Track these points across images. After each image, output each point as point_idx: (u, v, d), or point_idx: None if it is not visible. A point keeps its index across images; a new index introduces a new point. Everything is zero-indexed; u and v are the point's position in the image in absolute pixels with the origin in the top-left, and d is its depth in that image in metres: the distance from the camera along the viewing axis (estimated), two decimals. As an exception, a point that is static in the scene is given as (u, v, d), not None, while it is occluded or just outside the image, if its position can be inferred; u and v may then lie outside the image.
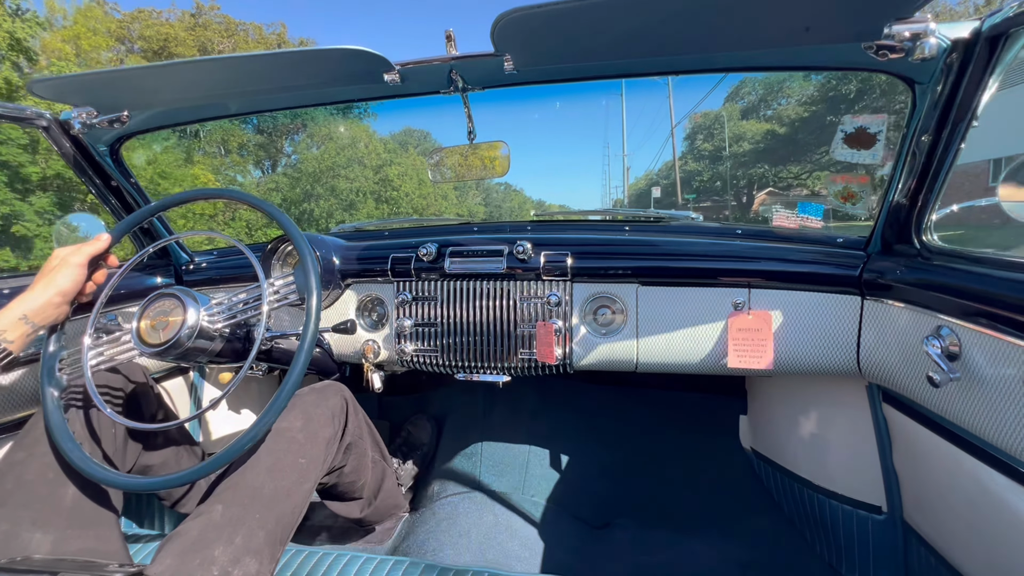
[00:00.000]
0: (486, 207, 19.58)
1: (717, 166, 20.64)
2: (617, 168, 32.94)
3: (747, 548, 1.35)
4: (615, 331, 1.26)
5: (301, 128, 16.14)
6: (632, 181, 27.34)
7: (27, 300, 0.86)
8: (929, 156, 0.89)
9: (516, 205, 22.63)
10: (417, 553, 1.25)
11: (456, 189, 17.21)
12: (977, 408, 0.79)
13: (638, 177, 27.84)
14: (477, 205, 19.15)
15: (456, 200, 17.78)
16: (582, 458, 1.67)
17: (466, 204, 18.21)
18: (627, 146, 36.19)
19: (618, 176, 28.73)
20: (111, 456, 0.97)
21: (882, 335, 1.03)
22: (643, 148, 37.42)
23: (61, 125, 1.15)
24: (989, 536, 0.82)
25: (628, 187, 26.21)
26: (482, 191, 19.48)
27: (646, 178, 27.51)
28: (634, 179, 27.32)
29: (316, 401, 1.05)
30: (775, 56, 0.96)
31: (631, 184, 27.13)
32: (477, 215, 17.30)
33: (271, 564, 0.83)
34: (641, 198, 26.86)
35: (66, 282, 0.89)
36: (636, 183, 27.45)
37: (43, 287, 0.87)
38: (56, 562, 0.78)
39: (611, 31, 0.84)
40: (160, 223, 1.41)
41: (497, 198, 21.75)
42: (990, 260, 0.82)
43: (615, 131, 38.23)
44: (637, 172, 29.12)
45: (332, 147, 15.57)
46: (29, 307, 0.86)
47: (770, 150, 18.97)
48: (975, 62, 0.77)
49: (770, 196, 19.32)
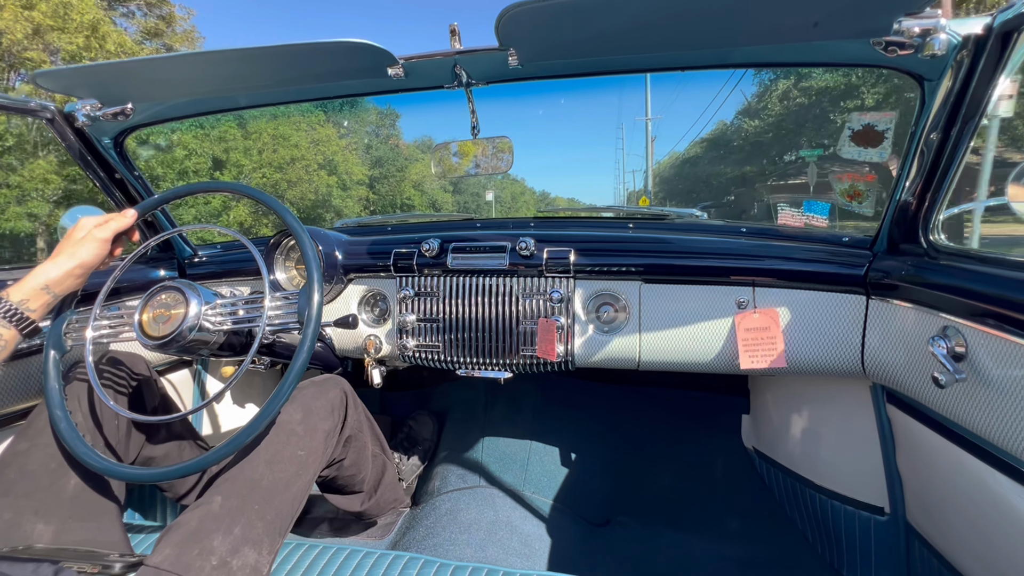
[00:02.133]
0: (477, 199, 19.23)
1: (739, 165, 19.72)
2: (628, 165, 32.27)
3: (748, 547, 1.34)
4: (617, 329, 1.25)
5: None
6: (641, 183, 26.30)
7: (49, 270, 0.86)
8: (937, 154, 0.88)
9: (510, 196, 21.86)
10: (417, 548, 1.25)
11: (451, 185, 17.06)
12: (983, 410, 0.78)
13: (660, 161, 26.20)
14: (473, 198, 18.86)
15: (452, 197, 17.63)
16: (583, 455, 1.67)
17: (461, 199, 18.00)
18: (635, 145, 35.51)
19: (629, 175, 27.98)
20: (114, 447, 0.97)
21: (887, 335, 1.02)
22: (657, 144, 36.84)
23: (66, 117, 1.16)
24: (993, 538, 0.81)
25: (634, 188, 25.21)
26: (481, 186, 19.23)
27: (654, 173, 26.54)
28: (642, 181, 26.30)
29: (315, 394, 1.05)
30: (783, 52, 0.95)
31: (656, 166, 25.46)
32: (473, 209, 17.16)
33: (270, 555, 0.83)
34: (659, 190, 25.27)
35: (89, 256, 0.89)
36: (661, 166, 25.67)
37: (66, 258, 0.88)
38: (57, 551, 0.79)
39: (616, 26, 0.84)
40: (164, 216, 1.41)
41: (496, 192, 21.28)
42: (998, 260, 0.81)
43: (627, 126, 37.54)
44: (638, 181, 28.34)
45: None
46: (51, 277, 0.86)
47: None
48: (986, 59, 0.76)
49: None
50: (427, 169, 15.99)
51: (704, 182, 19.24)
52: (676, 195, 21.46)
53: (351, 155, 15.72)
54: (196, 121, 10.30)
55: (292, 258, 1.42)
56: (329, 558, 0.94)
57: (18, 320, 0.83)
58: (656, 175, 20.94)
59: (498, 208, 18.35)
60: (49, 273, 0.86)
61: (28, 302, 0.84)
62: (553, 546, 1.32)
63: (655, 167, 20.26)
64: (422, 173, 16.52)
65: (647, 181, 15.43)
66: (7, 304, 0.83)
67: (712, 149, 19.55)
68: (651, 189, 16.58)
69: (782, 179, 15.89)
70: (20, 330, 0.84)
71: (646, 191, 15.32)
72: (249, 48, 0.91)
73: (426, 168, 16.12)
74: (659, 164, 21.31)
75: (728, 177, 18.34)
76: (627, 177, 25.80)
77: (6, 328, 0.82)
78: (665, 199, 21.02)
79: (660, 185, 21.87)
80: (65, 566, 0.68)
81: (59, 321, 0.94)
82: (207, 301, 0.97)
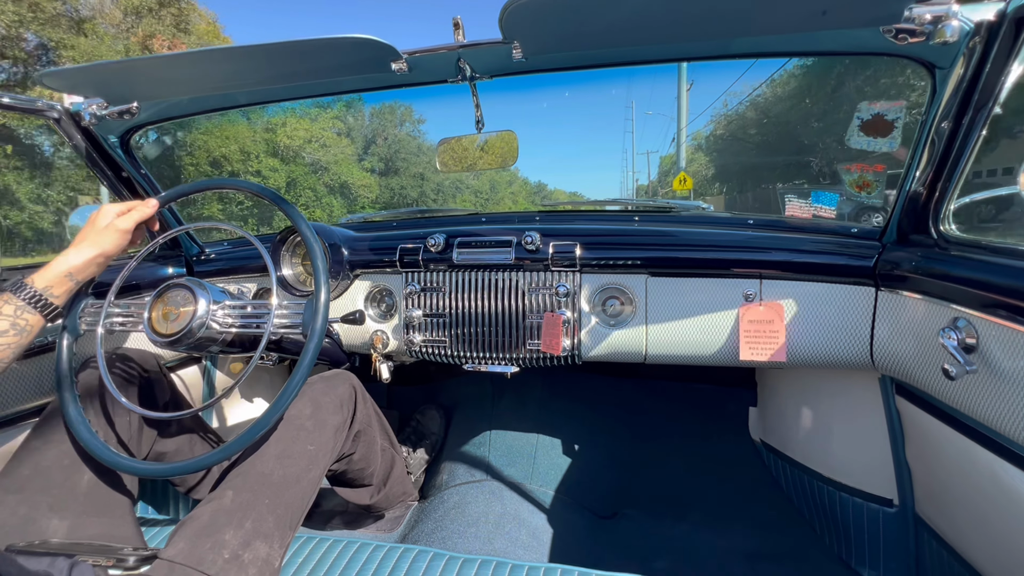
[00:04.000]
0: (476, 196, 18.77)
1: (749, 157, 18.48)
2: (637, 160, 31.21)
3: (755, 540, 1.34)
4: (624, 322, 1.25)
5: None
6: (653, 176, 25.29)
7: (72, 257, 0.88)
8: (948, 143, 0.87)
9: (488, 186, 21.00)
10: (426, 541, 1.26)
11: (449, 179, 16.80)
12: (993, 401, 0.77)
13: (666, 155, 25.23)
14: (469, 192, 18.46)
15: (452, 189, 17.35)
16: (590, 448, 1.68)
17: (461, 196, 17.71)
18: (645, 140, 34.67)
19: (638, 168, 26.88)
20: (126, 443, 0.99)
21: (896, 327, 1.01)
22: (663, 138, 36.24)
23: (72, 117, 1.16)
24: (1002, 529, 0.81)
25: (645, 183, 24.18)
26: (481, 181, 18.87)
27: (663, 167, 25.68)
28: (655, 174, 25.39)
29: (324, 389, 1.06)
30: (792, 41, 0.93)
31: (666, 157, 24.26)
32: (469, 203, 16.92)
33: (281, 548, 0.84)
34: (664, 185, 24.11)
35: (111, 245, 0.91)
36: (668, 159, 24.75)
37: (89, 246, 0.89)
38: (73, 546, 0.80)
39: (621, 17, 0.83)
40: (171, 213, 1.42)
41: (491, 183, 20.71)
42: (1010, 250, 0.80)
43: (634, 121, 36.71)
44: (653, 164, 27.59)
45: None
46: (73, 264, 0.88)
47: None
48: (999, 45, 0.74)
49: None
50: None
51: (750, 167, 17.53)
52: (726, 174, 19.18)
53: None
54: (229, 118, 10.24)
55: (299, 255, 1.42)
56: (339, 551, 0.95)
57: (43, 306, 0.85)
58: (696, 143, 18.76)
59: (474, 200, 17.80)
60: (72, 261, 0.88)
61: (52, 288, 0.86)
62: (560, 539, 1.33)
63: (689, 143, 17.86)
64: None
65: (679, 153, 13.25)
66: (32, 290, 0.84)
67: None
68: (683, 164, 13.84)
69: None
70: (44, 315, 0.86)
71: (676, 166, 12.66)
72: (253, 45, 0.91)
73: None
74: (696, 134, 19.08)
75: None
76: (639, 165, 24.94)
77: (31, 313, 0.84)
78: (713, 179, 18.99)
79: (703, 158, 19.57)
80: (80, 560, 0.70)
81: (75, 305, 0.96)
82: (215, 299, 0.97)
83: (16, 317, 0.82)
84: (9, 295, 0.83)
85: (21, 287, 0.84)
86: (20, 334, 0.83)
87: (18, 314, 0.83)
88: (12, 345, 0.83)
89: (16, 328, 0.82)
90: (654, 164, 25.68)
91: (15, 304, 0.83)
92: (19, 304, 0.83)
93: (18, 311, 0.83)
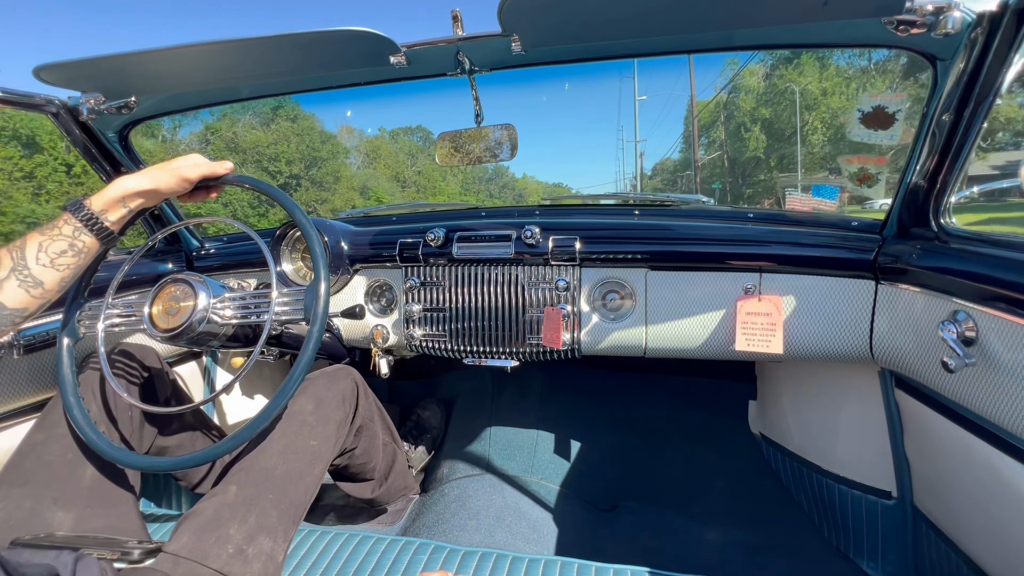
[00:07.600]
0: (477, 192, 18.60)
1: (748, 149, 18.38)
2: (631, 153, 31.10)
3: (755, 532, 1.35)
4: (624, 316, 1.25)
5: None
6: (648, 168, 25.10)
7: (127, 182, 0.85)
8: (950, 136, 0.86)
9: (476, 178, 20.75)
10: (427, 534, 1.27)
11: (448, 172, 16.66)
12: (992, 394, 0.78)
13: (662, 158, 25.19)
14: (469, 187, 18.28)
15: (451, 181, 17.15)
16: (590, 442, 1.68)
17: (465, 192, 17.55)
18: (640, 131, 34.34)
19: (632, 162, 26.76)
20: (128, 438, 0.99)
21: (896, 320, 1.02)
22: (660, 131, 35.97)
23: (70, 111, 1.16)
24: (1001, 521, 0.82)
25: (642, 175, 24.08)
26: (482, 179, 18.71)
27: (662, 165, 25.46)
28: (651, 166, 25.17)
29: (327, 385, 1.06)
30: (792, 33, 0.93)
31: (658, 163, 24.36)
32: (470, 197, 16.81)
33: (284, 542, 0.85)
34: (665, 179, 23.98)
35: (166, 184, 0.87)
36: (664, 162, 24.73)
37: (147, 177, 0.86)
38: (77, 539, 0.81)
39: (621, 8, 0.82)
40: (170, 209, 1.42)
41: (490, 178, 20.51)
42: (1010, 243, 0.80)
43: (628, 114, 36.28)
44: (653, 158, 27.32)
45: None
46: (127, 188, 0.85)
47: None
48: (1001, 37, 0.74)
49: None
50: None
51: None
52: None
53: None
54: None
55: (298, 249, 1.42)
56: (341, 544, 0.95)
57: (98, 229, 0.83)
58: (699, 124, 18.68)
59: (460, 192, 17.64)
60: (127, 185, 0.85)
61: (107, 212, 0.84)
62: (561, 531, 1.34)
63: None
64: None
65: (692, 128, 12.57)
66: (88, 211, 0.82)
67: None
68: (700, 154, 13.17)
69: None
70: (99, 238, 0.84)
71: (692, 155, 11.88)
72: (251, 38, 0.91)
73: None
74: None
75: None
76: (636, 159, 24.78)
77: (88, 235, 0.82)
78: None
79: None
80: (85, 552, 0.70)
81: (73, 309, 0.96)
82: (215, 294, 0.97)
83: (74, 238, 0.81)
84: (68, 215, 0.82)
85: (79, 208, 0.82)
86: (78, 255, 0.82)
87: (76, 235, 0.82)
88: (71, 266, 0.82)
89: (74, 249, 0.82)
90: (656, 158, 25.50)
91: (73, 225, 0.82)
92: (77, 225, 0.82)
93: (76, 232, 0.82)
